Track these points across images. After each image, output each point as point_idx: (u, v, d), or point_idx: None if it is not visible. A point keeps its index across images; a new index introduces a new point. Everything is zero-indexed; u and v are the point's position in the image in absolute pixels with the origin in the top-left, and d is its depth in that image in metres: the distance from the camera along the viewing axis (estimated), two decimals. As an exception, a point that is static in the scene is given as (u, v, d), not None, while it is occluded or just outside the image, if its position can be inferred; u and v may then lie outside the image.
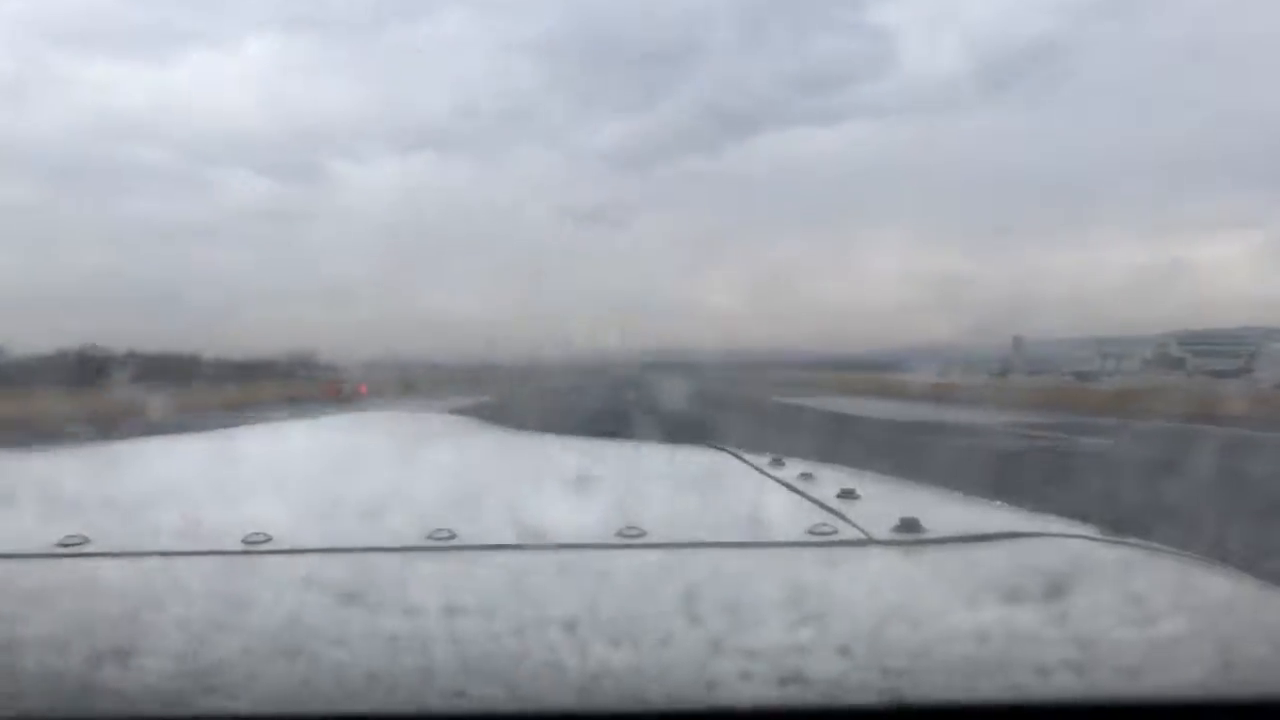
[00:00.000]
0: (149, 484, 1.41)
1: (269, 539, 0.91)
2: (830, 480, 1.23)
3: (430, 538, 0.92)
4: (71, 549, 0.91)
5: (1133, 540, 0.97)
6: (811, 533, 0.95)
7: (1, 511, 1.17)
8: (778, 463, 1.40)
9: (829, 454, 1.98)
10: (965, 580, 0.85)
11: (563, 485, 1.36)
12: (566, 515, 1.04)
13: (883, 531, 0.94)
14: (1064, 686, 0.67)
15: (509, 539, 0.92)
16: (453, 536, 0.92)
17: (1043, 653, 0.70)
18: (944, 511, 1.10)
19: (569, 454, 1.74)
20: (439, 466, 1.55)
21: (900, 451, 13.47)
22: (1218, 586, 0.88)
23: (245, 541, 0.91)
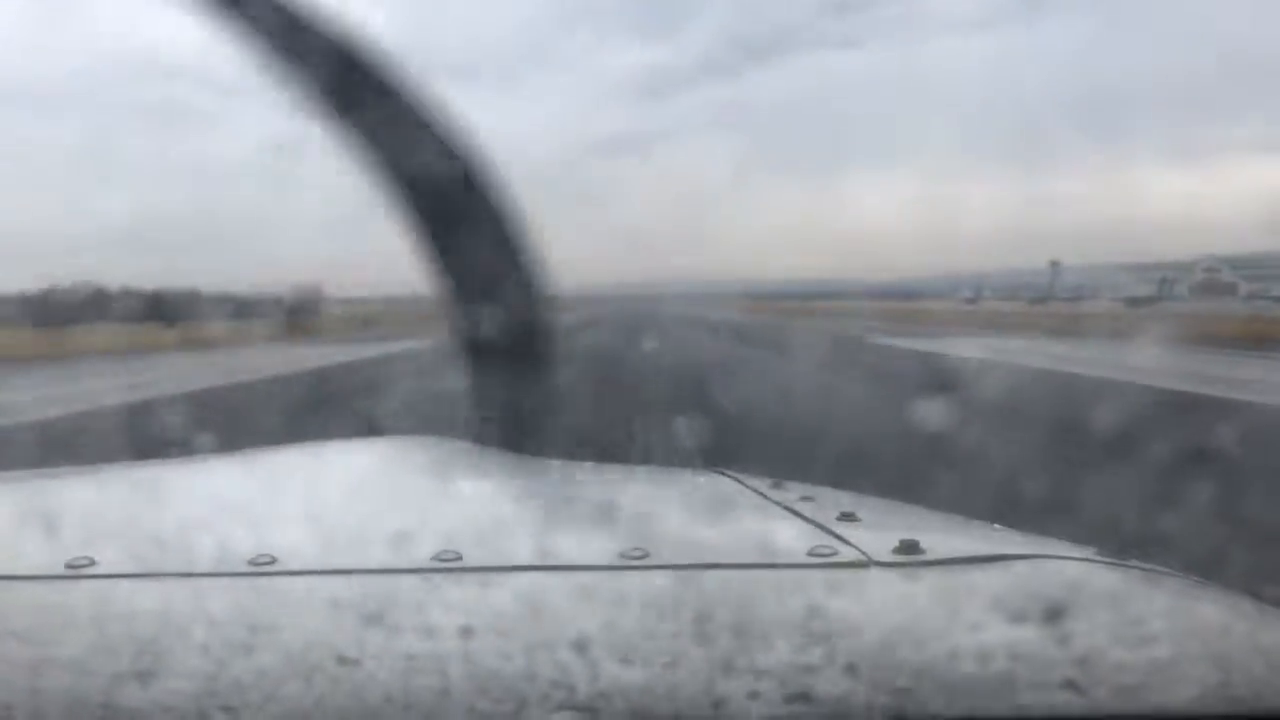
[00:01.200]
0: (152, 506, 1.41)
1: (274, 560, 0.92)
2: (830, 502, 1.22)
3: (436, 559, 0.92)
4: (80, 571, 0.91)
5: (1133, 562, 0.98)
6: (812, 554, 0.95)
7: (7, 533, 1.20)
8: (778, 485, 1.38)
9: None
10: (966, 601, 0.86)
11: (564, 508, 1.36)
12: (568, 537, 1.07)
13: (883, 553, 0.94)
14: (1065, 705, 0.68)
15: (513, 560, 0.93)
16: (459, 558, 0.92)
17: (1044, 672, 0.71)
18: (944, 533, 1.13)
19: (570, 477, 1.72)
20: (442, 491, 1.58)
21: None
22: (1216, 608, 0.89)
23: (251, 563, 0.92)
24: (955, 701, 0.68)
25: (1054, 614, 0.80)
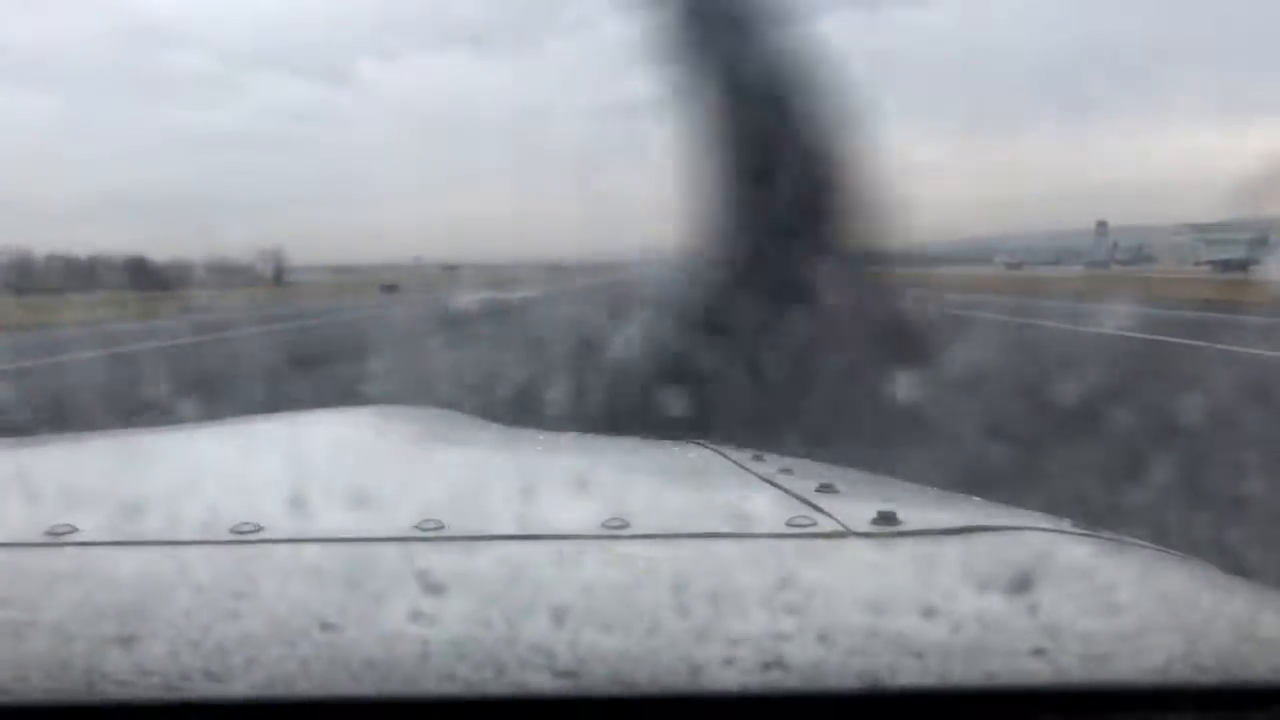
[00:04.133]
0: (135, 474, 1.40)
1: (258, 528, 0.92)
2: (810, 474, 1.24)
3: (418, 528, 0.93)
4: (61, 538, 0.91)
5: (1105, 533, 1.00)
6: (791, 525, 0.96)
7: None
8: (758, 457, 1.40)
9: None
10: (940, 571, 0.87)
11: (547, 478, 1.36)
12: (551, 507, 1.06)
13: (860, 524, 0.95)
14: (1034, 673, 0.70)
15: (496, 530, 0.94)
16: (441, 527, 0.93)
17: (1014, 641, 0.73)
18: (921, 505, 1.13)
19: (552, 448, 1.73)
20: (425, 459, 1.57)
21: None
22: (1184, 578, 0.91)
23: (234, 531, 0.92)
24: (928, 669, 0.69)
25: (1025, 584, 0.81)
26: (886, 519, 0.95)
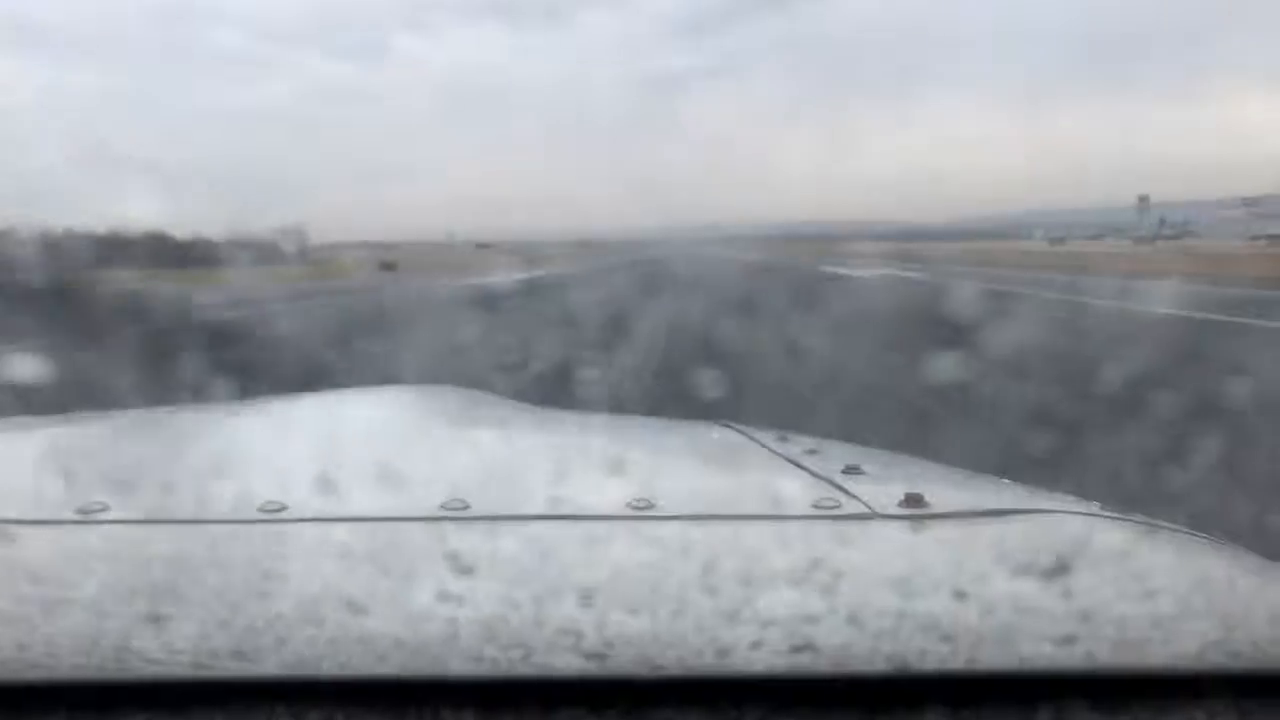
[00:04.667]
0: (165, 453, 1.41)
1: (285, 508, 0.92)
2: (835, 455, 1.21)
3: (443, 508, 0.92)
4: (93, 516, 0.91)
5: (1137, 517, 0.98)
6: (817, 507, 0.95)
7: (19, 478, 1.19)
8: (783, 438, 1.37)
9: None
10: (969, 554, 0.86)
11: (574, 459, 1.35)
12: (578, 488, 1.05)
13: (887, 506, 0.94)
14: (1066, 658, 0.68)
15: (523, 510, 0.94)
16: (466, 507, 0.93)
17: (1045, 626, 0.71)
18: (948, 487, 1.12)
19: (580, 429, 1.72)
20: (453, 439, 1.56)
21: None
22: (1219, 563, 0.89)
23: (263, 510, 0.92)
24: (957, 653, 0.68)
25: (1057, 568, 0.79)
26: (914, 501, 0.94)
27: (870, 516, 0.92)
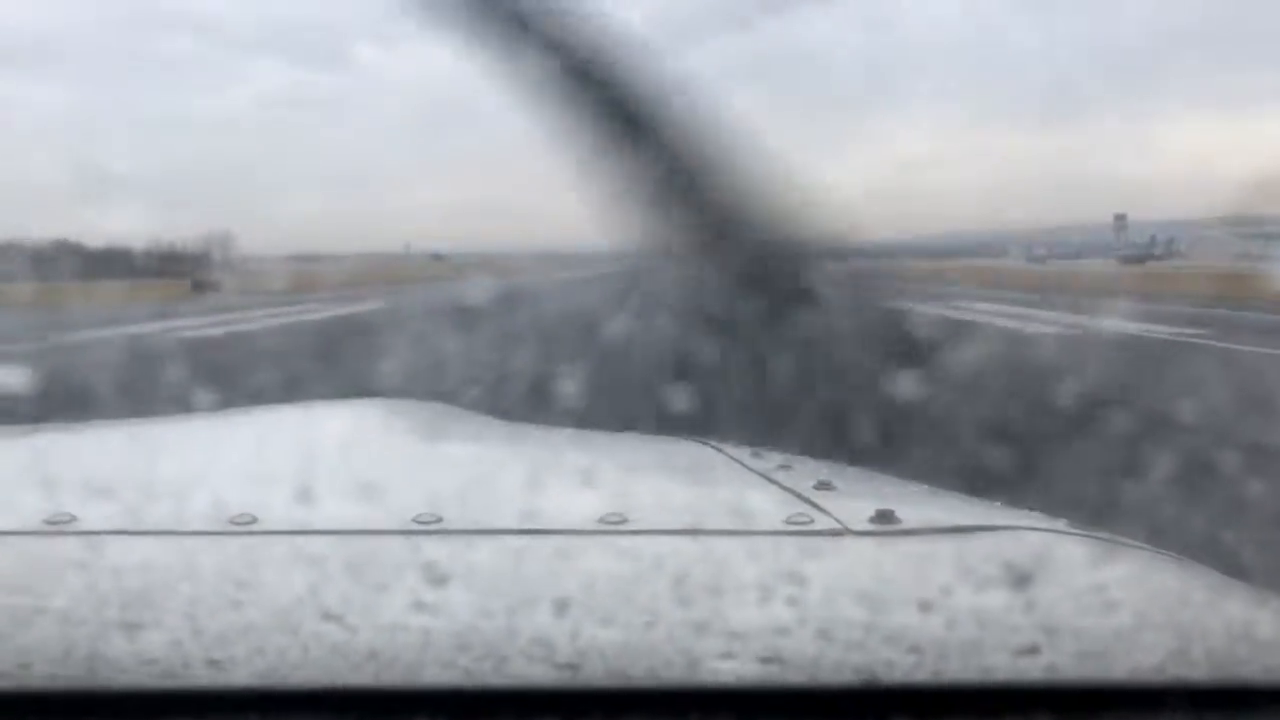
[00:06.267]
0: (136, 464, 1.40)
1: (261, 520, 0.92)
2: (808, 472, 1.23)
3: (420, 520, 0.93)
4: (61, 526, 0.91)
5: (1102, 534, 1.00)
6: (789, 522, 0.96)
7: None
8: (757, 454, 1.38)
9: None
10: (937, 569, 0.87)
11: (548, 473, 1.35)
12: (552, 502, 1.05)
13: (858, 522, 0.95)
14: (1028, 669, 0.70)
15: (497, 523, 0.94)
16: (439, 520, 0.93)
17: (1009, 638, 0.73)
18: (919, 504, 1.12)
19: (553, 443, 1.72)
20: (427, 453, 1.55)
21: None
22: (1179, 578, 0.90)
23: (236, 522, 0.92)
24: (924, 665, 0.70)
25: (1021, 582, 0.81)
26: (885, 517, 0.95)
27: (841, 532, 0.93)
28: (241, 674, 0.66)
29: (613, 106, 1.77)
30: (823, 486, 1.09)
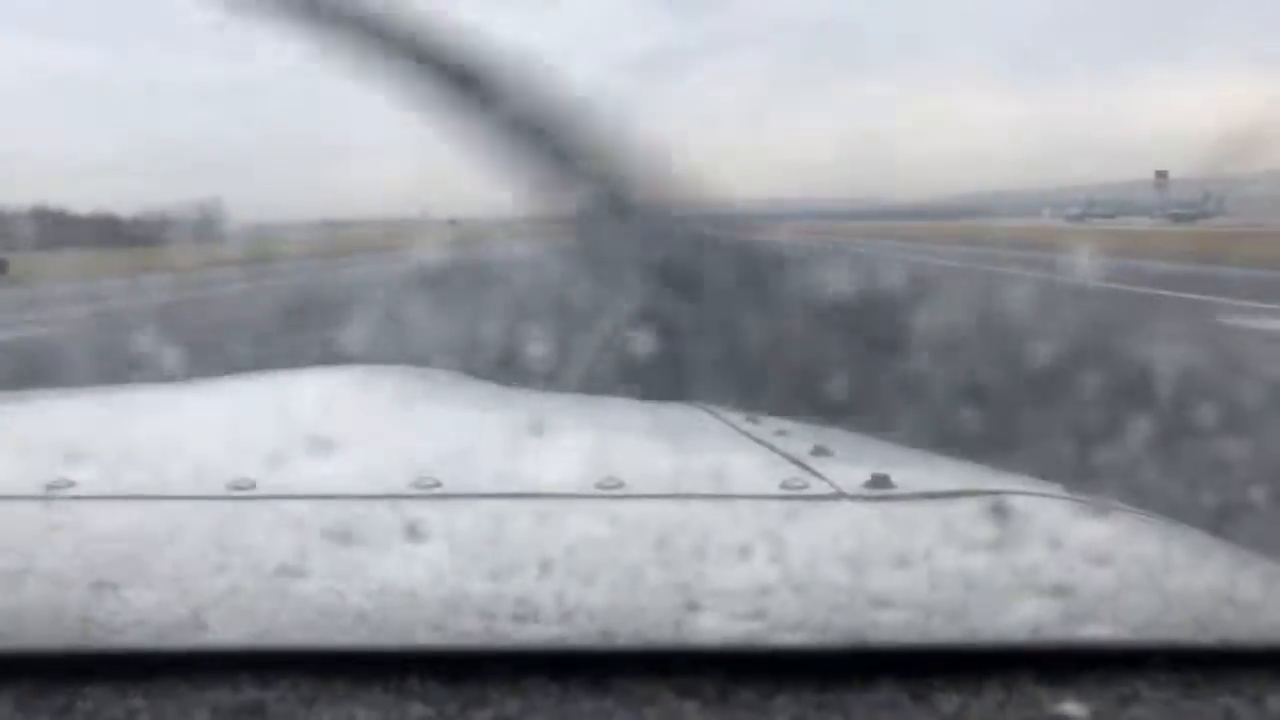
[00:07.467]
0: (125, 430, 1.40)
1: (250, 484, 0.93)
2: (805, 436, 1.23)
3: (412, 485, 0.93)
4: (57, 492, 0.92)
5: (1092, 498, 1.00)
6: (784, 486, 0.96)
7: None
8: (753, 419, 1.39)
9: None
10: (926, 532, 0.87)
11: (539, 437, 1.35)
12: (544, 466, 1.06)
13: (853, 487, 0.96)
14: (1013, 630, 0.71)
15: (485, 487, 0.94)
16: (431, 483, 0.93)
17: (995, 599, 0.74)
18: (914, 469, 1.13)
19: (545, 407, 1.71)
20: (416, 417, 1.55)
21: None
22: (1165, 541, 0.91)
23: (230, 487, 0.93)
24: (910, 625, 0.71)
25: (1008, 544, 0.82)
26: (879, 482, 0.95)
27: (836, 496, 0.93)
28: (231, 635, 0.67)
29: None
30: (819, 452, 1.09)
